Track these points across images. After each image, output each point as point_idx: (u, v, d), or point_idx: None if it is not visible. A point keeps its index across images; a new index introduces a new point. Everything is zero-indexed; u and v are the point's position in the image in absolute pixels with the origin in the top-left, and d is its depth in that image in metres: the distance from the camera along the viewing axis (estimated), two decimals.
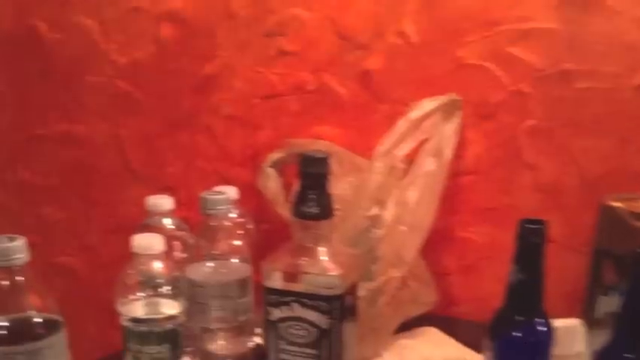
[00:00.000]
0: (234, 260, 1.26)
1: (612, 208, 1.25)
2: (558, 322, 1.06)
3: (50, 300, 1.02)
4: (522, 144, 1.44)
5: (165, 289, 1.11)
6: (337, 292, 1.12)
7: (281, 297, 1.14)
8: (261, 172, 1.50)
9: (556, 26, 1.36)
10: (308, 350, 1.15)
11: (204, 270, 1.24)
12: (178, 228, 1.34)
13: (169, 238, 1.21)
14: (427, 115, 1.36)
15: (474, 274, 1.52)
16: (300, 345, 1.15)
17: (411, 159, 1.35)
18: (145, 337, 1.09)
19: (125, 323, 1.10)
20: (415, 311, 1.39)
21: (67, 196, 1.70)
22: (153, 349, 1.09)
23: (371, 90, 1.51)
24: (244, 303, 1.26)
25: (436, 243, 1.41)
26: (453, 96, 1.40)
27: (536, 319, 1.03)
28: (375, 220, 1.31)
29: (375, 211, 1.32)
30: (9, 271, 0.98)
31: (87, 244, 1.70)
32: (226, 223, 1.27)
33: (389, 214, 1.31)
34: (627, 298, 0.93)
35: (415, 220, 1.31)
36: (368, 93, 1.51)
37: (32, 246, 1.00)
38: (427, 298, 1.40)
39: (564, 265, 1.35)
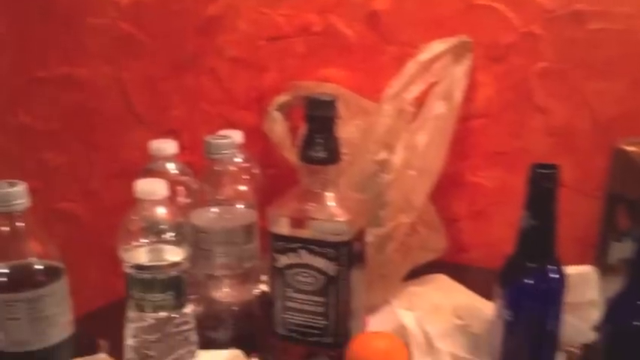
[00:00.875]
0: (240, 206, 1.25)
1: (625, 152, 1.23)
2: (571, 269, 1.05)
3: (51, 246, 1.02)
4: (533, 86, 1.43)
5: (169, 235, 1.09)
6: (345, 238, 1.11)
7: (287, 243, 1.14)
8: (266, 115, 1.49)
9: None
10: (315, 298, 1.15)
11: (209, 216, 1.23)
12: (182, 173, 1.32)
13: (173, 183, 1.18)
14: (437, 58, 1.35)
15: (484, 220, 1.52)
16: (307, 292, 1.15)
17: (420, 102, 1.34)
18: (149, 285, 1.07)
19: (128, 270, 1.08)
20: (424, 258, 1.38)
21: (69, 141, 1.69)
22: (156, 297, 1.08)
23: (378, 31, 1.49)
24: (250, 249, 1.25)
25: (446, 188, 1.41)
26: (463, 38, 1.38)
27: (548, 266, 1.02)
28: (383, 165, 1.30)
29: (383, 155, 1.31)
30: (9, 216, 0.98)
31: (89, 190, 1.70)
32: (231, 168, 1.25)
33: (398, 158, 1.30)
34: None
35: (424, 165, 1.30)
36: (375, 34, 1.49)
37: (33, 191, 1.00)
38: (437, 245, 1.40)
39: (577, 211, 1.34)
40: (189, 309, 1.12)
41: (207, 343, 1.18)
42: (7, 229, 0.98)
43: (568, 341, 1.12)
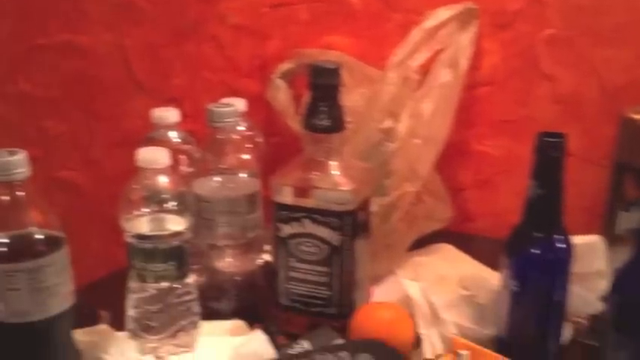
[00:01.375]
0: (243, 175, 1.24)
1: (633, 121, 1.22)
2: (578, 239, 1.05)
3: (52, 216, 1.00)
4: (540, 54, 1.42)
5: (171, 204, 1.08)
6: (349, 207, 1.11)
7: (291, 213, 1.14)
8: (270, 83, 1.48)
9: None
10: (319, 268, 1.15)
11: (212, 185, 1.23)
12: (184, 141, 1.31)
13: (175, 151, 1.16)
14: (442, 25, 1.34)
15: (490, 189, 1.51)
16: (310, 262, 1.15)
17: (425, 70, 1.33)
18: (150, 254, 1.07)
19: (129, 240, 1.08)
20: (430, 227, 1.38)
21: (70, 109, 1.68)
22: (158, 267, 1.07)
23: None
24: (253, 219, 1.25)
25: (451, 157, 1.40)
26: (469, 4, 1.37)
27: (555, 236, 1.02)
28: (388, 133, 1.30)
29: (388, 123, 1.30)
30: (9, 186, 0.96)
31: (90, 158, 1.69)
32: (234, 136, 1.24)
33: (403, 126, 1.30)
34: None
35: (430, 133, 1.29)
36: (380, 1, 1.48)
37: (33, 160, 0.98)
38: (442, 214, 1.40)
39: (584, 180, 1.33)
40: (191, 279, 1.11)
41: (210, 314, 1.17)
42: (7, 198, 0.96)
43: (575, 312, 1.12)
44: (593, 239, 1.15)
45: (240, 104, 1.33)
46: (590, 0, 1.35)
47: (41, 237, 0.98)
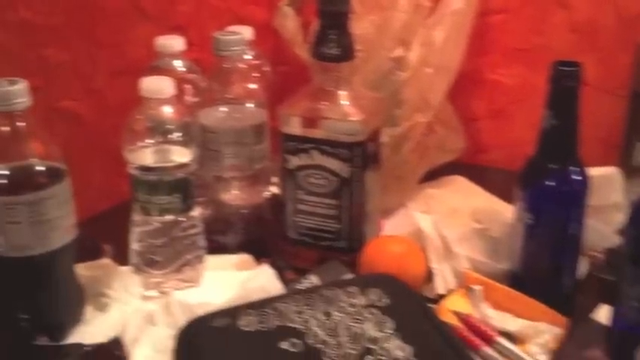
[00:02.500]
0: (249, 105, 1.23)
1: None
2: (594, 171, 1.04)
3: (53, 147, 0.99)
4: None
5: (176, 135, 1.07)
6: (359, 138, 1.11)
7: (299, 144, 1.13)
8: (277, 10, 1.45)
9: None
10: (328, 200, 1.14)
11: (217, 115, 1.21)
12: (189, 70, 1.29)
13: (180, 81, 1.16)
14: None
15: (504, 119, 1.51)
16: (319, 195, 1.14)
17: None
18: (154, 187, 1.06)
19: (133, 172, 1.07)
20: (442, 159, 1.38)
21: (71, 37, 1.66)
22: (163, 199, 1.07)
23: None
24: (260, 150, 1.24)
25: (464, 86, 1.39)
26: None
27: (571, 168, 1.01)
28: (399, 62, 1.29)
29: (399, 52, 1.29)
30: (9, 116, 0.95)
31: (92, 88, 1.67)
32: (241, 65, 1.23)
33: (414, 55, 1.28)
34: None
35: (442, 62, 1.28)
36: None
37: (34, 90, 0.97)
38: (454, 145, 1.40)
39: (600, 110, 1.31)
40: (196, 212, 1.11)
41: (216, 248, 1.17)
42: (7, 129, 0.95)
43: (591, 246, 1.12)
44: (609, 171, 1.15)
45: (246, 32, 1.31)
46: None
47: (42, 169, 0.98)
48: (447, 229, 1.15)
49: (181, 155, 1.07)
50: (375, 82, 1.28)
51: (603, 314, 1.01)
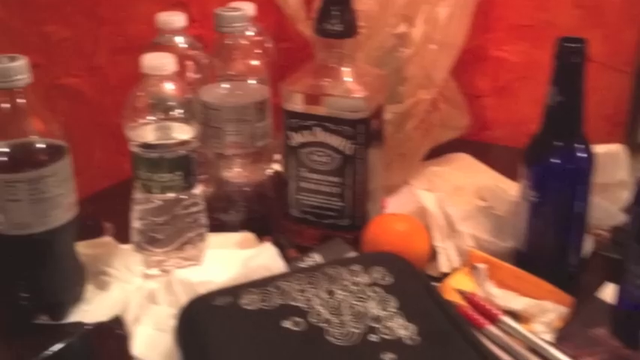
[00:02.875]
0: (252, 81, 1.22)
1: None
2: (599, 148, 1.04)
3: (54, 124, 0.99)
4: None
5: (178, 112, 1.07)
6: (362, 115, 1.10)
7: (302, 121, 1.13)
8: None
9: None
10: (331, 178, 1.14)
11: (219, 92, 1.21)
12: (191, 47, 1.29)
13: (182, 57, 1.16)
14: None
15: (508, 96, 1.51)
16: (322, 172, 1.14)
17: None
18: (156, 164, 1.06)
19: (134, 149, 1.07)
20: (445, 136, 1.38)
21: (73, 13, 1.64)
22: (164, 177, 1.06)
23: None
24: (262, 127, 1.23)
25: (468, 63, 1.40)
26: None
27: (576, 145, 1.01)
28: (402, 38, 1.28)
29: (402, 28, 1.28)
30: (10, 93, 0.95)
31: (94, 65, 1.66)
32: (243, 42, 1.22)
33: (417, 31, 1.28)
34: None
35: (446, 38, 1.28)
36: None
37: (35, 67, 0.97)
38: (458, 122, 1.40)
39: (605, 87, 1.32)
40: (198, 190, 1.11)
41: (218, 226, 1.17)
42: (7, 106, 0.95)
43: (596, 223, 1.12)
44: (614, 148, 1.14)
45: (249, 8, 1.31)
46: None
47: (43, 146, 0.97)
48: (451, 207, 1.15)
49: (183, 132, 1.06)
50: (378, 58, 1.27)
51: (608, 293, 1.01)
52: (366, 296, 0.90)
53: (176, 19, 1.27)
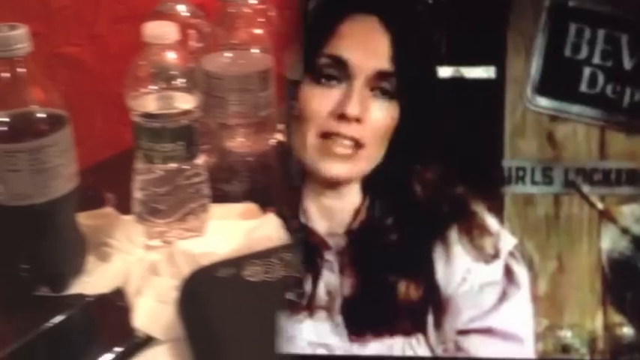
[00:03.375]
0: (255, 50, 1.23)
1: None
2: None
3: (54, 93, 0.99)
4: None
5: (180, 81, 1.07)
6: None
7: None
8: None
9: None
10: None
11: (222, 61, 1.21)
12: (193, 15, 1.28)
13: (184, 26, 1.16)
14: None
15: None
16: None
17: None
18: (158, 134, 1.05)
19: (136, 119, 1.06)
20: None
21: None
22: (166, 147, 1.06)
23: None
24: (265, 97, 1.23)
25: None
26: None
27: None
28: None
29: None
30: (10, 62, 0.94)
31: (95, 33, 1.66)
32: (246, 10, 1.23)
33: None
34: None
35: None
36: None
37: (35, 35, 0.97)
38: None
39: None
40: (200, 160, 1.11)
41: (221, 197, 1.17)
42: (7, 75, 0.94)
43: None
44: None
45: None
46: None
47: (43, 116, 0.97)
48: None
49: (185, 102, 1.06)
50: None
51: None
52: None
53: None
